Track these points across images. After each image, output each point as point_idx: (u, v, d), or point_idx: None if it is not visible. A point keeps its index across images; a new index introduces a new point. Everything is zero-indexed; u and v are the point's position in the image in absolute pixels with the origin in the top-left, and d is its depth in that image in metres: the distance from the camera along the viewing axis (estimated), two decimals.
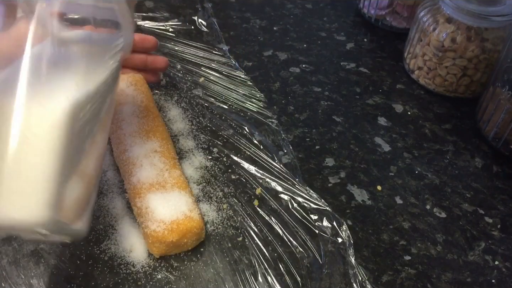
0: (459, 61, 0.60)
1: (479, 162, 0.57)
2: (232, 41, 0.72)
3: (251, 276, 0.45)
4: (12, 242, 0.46)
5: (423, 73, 0.65)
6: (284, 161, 0.55)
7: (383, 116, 0.62)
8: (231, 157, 0.55)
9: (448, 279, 0.46)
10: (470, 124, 0.61)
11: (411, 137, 0.59)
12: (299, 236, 0.48)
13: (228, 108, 0.61)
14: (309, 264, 0.46)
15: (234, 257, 0.46)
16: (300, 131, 0.59)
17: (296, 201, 0.51)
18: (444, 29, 0.60)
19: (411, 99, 0.65)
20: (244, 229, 0.48)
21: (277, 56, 0.70)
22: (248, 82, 0.65)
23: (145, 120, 0.52)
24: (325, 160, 0.56)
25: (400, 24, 0.74)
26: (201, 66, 0.67)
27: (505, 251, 0.48)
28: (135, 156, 0.49)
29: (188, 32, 0.72)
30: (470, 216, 0.51)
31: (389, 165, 0.56)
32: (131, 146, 0.50)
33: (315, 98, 0.64)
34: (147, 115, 0.53)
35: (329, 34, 0.74)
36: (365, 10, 0.76)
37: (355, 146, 0.58)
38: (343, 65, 0.69)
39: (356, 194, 0.53)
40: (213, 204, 0.50)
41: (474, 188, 0.54)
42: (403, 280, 0.46)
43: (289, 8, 0.79)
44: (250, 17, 0.76)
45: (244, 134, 0.58)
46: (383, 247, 0.48)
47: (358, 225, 0.50)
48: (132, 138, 0.51)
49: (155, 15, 0.75)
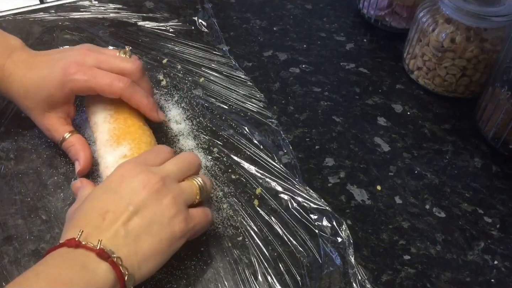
0: (459, 62, 0.61)
1: (478, 162, 0.57)
2: (232, 42, 0.72)
3: (251, 275, 0.45)
4: (12, 241, 0.46)
5: (422, 73, 0.65)
6: (284, 161, 0.55)
7: (382, 116, 0.62)
8: (231, 157, 0.55)
9: (447, 279, 0.46)
10: (469, 124, 0.62)
11: (410, 137, 0.59)
12: (299, 236, 0.48)
13: (228, 108, 0.61)
14: (309, 263, 0.46)
15: (234, 257, 0.46)
16: (300, 131, 0.59)
17: (296, 201, 0.51)
18: (443, 29, 0.60)
19: (411, 99, 0.65)
20: (244, 229, 0.49)
21: (277, 56, 0.70)
22: (248, 82, 0.65)
23: (116, 124, 0.51)
24: (325, 160, 0.56)
25: (399, 24, 0.74)
26: (201, 66, 0.67)
27: (504, 250, 0.49)
28: (108, 166, 0.48)
29: (189, 33, 0.73)
30: (469, 215, 0.52)
31: (388, 165, 0.56)
32: (103, 157, 0.49)
33: (315, 98, 0.64)
34: (118, 119, 0.52)
35: (329, 35, 0.74)
36: (364, 11, 0.76)
37: (355, 146, 0.58)
38: (342, 65, 0.69)
39: (355, 194, 0.53)
40: (213, 204, 0.51)
41: (473, 188, 0.54)
42: (403, 280, 0.46)
43: (289, 8, 0.79)
44: (250, 18, 0.77)
45: (244, 134, 0.58)
46: (382, 247, 0.48)
47: (357, 225, 0.50)
48: (104, 148, 0.50)
49: (155, 15, 0.75)
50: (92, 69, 0.50)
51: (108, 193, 0.41)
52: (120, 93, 0.50)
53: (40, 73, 0.50)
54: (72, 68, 0.49)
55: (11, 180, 0.51)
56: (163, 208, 0.41)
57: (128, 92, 0.50)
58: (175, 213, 0.41)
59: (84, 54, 0.51)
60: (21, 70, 0.50)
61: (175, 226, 0.41)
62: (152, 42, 0.70)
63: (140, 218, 0.40)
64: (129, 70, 0.51)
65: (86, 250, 0.37)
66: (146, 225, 0.40)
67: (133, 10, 0.75)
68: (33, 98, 0.50)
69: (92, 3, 0.76)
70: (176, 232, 0.41)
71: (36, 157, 0.53)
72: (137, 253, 0.39)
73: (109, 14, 0.74)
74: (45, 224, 0.48)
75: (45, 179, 0.51)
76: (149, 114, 0.53)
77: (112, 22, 0.73)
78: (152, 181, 0.41)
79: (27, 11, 0.74)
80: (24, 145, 0.55)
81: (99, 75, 0.50)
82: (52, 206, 0.49)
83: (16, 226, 0.47)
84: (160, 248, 0.40)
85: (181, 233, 0.42)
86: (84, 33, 0.70)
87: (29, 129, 0.56)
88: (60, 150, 0.53)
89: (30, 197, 0.50)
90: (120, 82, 0.50)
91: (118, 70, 0.51)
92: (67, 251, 0.37)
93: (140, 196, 0.41)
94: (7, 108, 0.58)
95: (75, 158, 0.51)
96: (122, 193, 0.41)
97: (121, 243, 0.39)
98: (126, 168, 0.43)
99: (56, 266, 0.36)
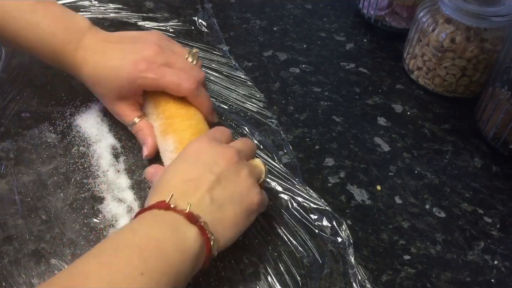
0: (459, 62, 0.61)
1: (478, 162, 0.57)
2: (232, 42, 0.72)
3: (251, 275, 0.45)
4: (12, 241, 0.46)
5: (422, 73, 0.65)
6: (284, 161, 0.55)
7: (382, 116, 0.62)
8: None
9: (447, 279, 0.46)
10: (469, 124, 0.62)
11: (410, 137, 0.60)
12: (299, 236, 0.48)
13: (228, 108, 0.61)
14: (309, 263, 0.46)
15: (234, 257, 0.46)
16: (300, 131, 0.59)
17: (296, 200, 0.51)
18: (443, 29, 0.60)
19: (411, 99, 0.65)
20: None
21: (277, 56, 0.70)
22: (248, 82, 0.65)
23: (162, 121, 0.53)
24: (325, 160, 0.56)
25: (399, 24, 0.74)
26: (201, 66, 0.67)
27: (504, 250, 0.49)
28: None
29: (189, 33, 0.73)
30: (469, 215, 0.52)
31: (388, 165, 0.56)
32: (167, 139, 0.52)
33: (315, 98, 0.64)
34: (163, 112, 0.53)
35: (329, 35, 0.74)
36: (364, 11, 0.76)
37: (355, 146, 0.58)
38: (342, 65, 0.69)
39: (355, 194, 0.53)
40: None
41: (473, 188, 0.54)
42: (403, 280, 0.46)
43: (289, 8, 0.79)
44: (250, 18, 0.77)
45: (244, 134, 0.58)
46: (382, 247, 0.48)
47: (357, 225, 0.50)
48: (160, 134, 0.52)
49: (156, 15, 0.75)
50: (161, 67, 0.51)
51: (188, 163, 0.43)
52: (187, 93, 0.52)
53: (111, 63, 0.51)
54: (142, 64, 0.50)
55: (11, 180, 0.51)
56: (242, 180, 0.43)
57: (194, 93, 0.52)
58: (252, 185, 0.44)
59: (155, 52, 0.52)
60: (92, 57, 0.51)
61: (254, 198, 0.43)
62: None
63: (222, 187, 0.42)
64: (196, 77, 0.53)
65: (176, 213, 0.39)
66: (228, 194, 0.42)
67: (133, 10, 0.75)
68: (104, 87, 0.52)
69: (92, 3, 0.76)
70: (254, 203, 0.43)
71: (36, 157, 0.53)
72: (221, 220, 0.41)
73: (109, 14, 0.74)
74: (45, 224, 0.48)
75: (45, 179, 0.51)
76: (210, 115, 0.55)
77: (112, 22, 0.73)
78: (229, 154, 0.44)
79: None
80: (24, 145, 0.55)
81: (168, 74, 0.51)
82: (52, 206, 0.49)
83: (16, 226, 0.47)
84: (240, 218, 0.42)
85: (257, 205, 0.44)
86: None
87: (29, 129, 0.56)
88: (60, 150, 0.53)
89: (30, 197, 0.50)
90: (187, 83, 0.51)
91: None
92: (158, 213, 0.39)
93: (220, 166, 0.43)
94: (7, 108, 0.58)
95: (143, 142, 0.53)
96: (202, 163, 0.43)
97: (207, 209, 0.40)
98: (200, 142, 0.45)
99: (149, 226, 0.38)
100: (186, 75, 0.52)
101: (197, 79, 0.52)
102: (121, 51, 0.52)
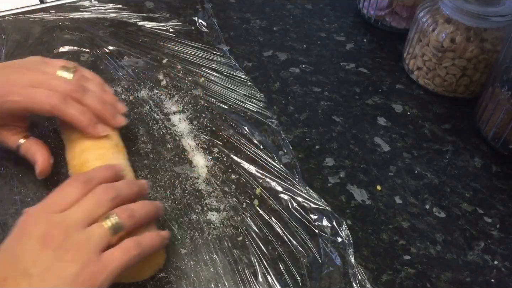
0: (459, 61, 0.61)
1: (478, 162, 0.57)
2: (232, 42, 0.72)
3: (251, 275, 0.45)
4: None
5: (422, 73, 0.65)
6: (284, 161, 0.55)
7: (382, 116, 0.62)
8: (231, 157, 0.55)
9: (447, 279, 0.46)
10: (469, 124, 0.62)
11: (410, 137, 0.60)
12: (299, 236, 0.48)
13: (228, 108, 0.61)
14: (308, 263, 0.46)
15: (234, 257, 0.46)
16: (300, 131, 0.59)
17: (296, 200, 0.51)
18: (443, 29, 0.60)
19: (411, 99, 0.65)
20: (244, 229, 0.49)
21: (277, 56, 0.70)
22: (248, 82, 0.65)
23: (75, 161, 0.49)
24: (324, 160, 0.56)
25: (399, 24, 0.74)
26: (201, 66, 0.67)
27: (504, 250, 0.49)
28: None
29: (189, 33, 0.73)
30: (469, 215, 0.52)
31: (388, 165, 0.56)
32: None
33: (315, 98, 0.64)
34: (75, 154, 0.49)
35: (329, 35, 0.75)
36: (364, 11, 0.76)
37: (355, 146, 0.58)
38: (342, 65, 0.69)
39: (355, 194, 0.53)
40: (213, 203, 0.51)
41: (473, 188, 0.54)
42: (403, 280, 0.46)
43: (289, 8, 0.79)
44: (250, 18, 0.77)
45: (244, 134, 0.58)
46: (382, 247, 0.48)
47: (357, 225, 0.50)
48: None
49: (156, 15, 0.75)
50: (25, 88, 0.47)
51: (6, 254, 0.38)
52: (50, 110, 0.47)
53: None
54: (4, 89, 0.47)
55: (11, 180, 0.51)
56: (66, 266, 0.36)
57: (59, 108, 0.47)
58: (79, 269, 0.36)
59: (20, 73, 0.48)
60: None
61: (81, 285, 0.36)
62: (152, 42, 0.70)
63: (42, 283, 0.36)
64: (63, 91, 0.48)
65: None
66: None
67: (133, 10, 0.75)
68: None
69: (92, 3, 0.76)
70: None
71: None
72: None
73: (109, 14, 0.74)
74: None
75: (45, 179, 0.51)
76: (85, 131, 0.48)
77: (112, 22, 0.73)
78: (52, 234, 0.37)
79: (27, 11, 0.74)
80: None
81: (31, 94, 0.47)
82: None
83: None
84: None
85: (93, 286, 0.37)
86: (84, 33, 0.70)
87: (29, 129, 0.56)
88: (60, 150, 0.53)
89: (30, 197, 0.50)
90: (50, 98, 0.47)
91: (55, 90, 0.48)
92: None
93: (40, 257, 0.36)
94: None
95: (32, 161, 0.50)
96: (20, 255, 0.37)
97: None
98: (28, 219, 0.39)
99: None
100: (49, 93, 0.47)
101: (64, 92, 0.47)
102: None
